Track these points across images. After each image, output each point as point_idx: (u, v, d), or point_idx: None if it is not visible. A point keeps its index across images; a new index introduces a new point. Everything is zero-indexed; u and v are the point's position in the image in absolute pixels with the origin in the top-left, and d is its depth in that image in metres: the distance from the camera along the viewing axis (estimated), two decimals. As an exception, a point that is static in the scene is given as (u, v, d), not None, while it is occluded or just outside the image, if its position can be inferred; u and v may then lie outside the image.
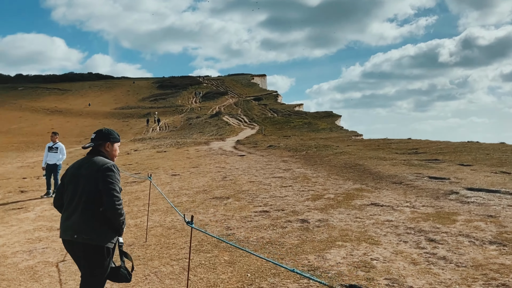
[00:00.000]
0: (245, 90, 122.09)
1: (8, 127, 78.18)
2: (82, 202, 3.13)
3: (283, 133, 37.71)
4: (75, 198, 3.17)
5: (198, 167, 15.31)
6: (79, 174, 3.22)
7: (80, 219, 3.11)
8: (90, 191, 3.13)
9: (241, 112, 72.06)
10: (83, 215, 3.11)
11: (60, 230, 3.27)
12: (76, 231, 3.09)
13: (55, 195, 3.49)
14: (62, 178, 3.43)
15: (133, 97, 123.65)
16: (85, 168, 3.24)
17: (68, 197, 3.23)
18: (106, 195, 3.10)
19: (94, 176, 3.15)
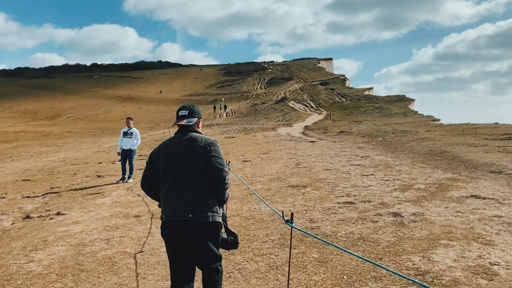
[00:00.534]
0: (311, 74, 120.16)
1: (85, 113, 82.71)
2: (192, 180, 3.01)
3: (353, 118, 36.40)
4: (181, 177, 3.02)
5: (268, 153, 14.88)
6: (181, 152, 3.07)
7: (193, 197, 2.99)
8: (198, 168, 3.03)
9: (307, 97, 70.92)
10: (195, 193, 3.00)
11: (165, 211, 3.05)
12: (191, 210, 2.95)
13: (143, 178, 3.28)
14: (151, 160, 3.21)
15: (201, 84, 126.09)
16: (186, 145, 3.09)
17: (172, 177, 3.06)
18: (216, 170, 3.03)
19: (201, 153, 3.05)
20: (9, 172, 15.51)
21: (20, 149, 33.88)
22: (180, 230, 2.97)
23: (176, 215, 2.97)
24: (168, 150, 3.14)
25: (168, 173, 3.07)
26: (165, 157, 3.12)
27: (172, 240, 3.02)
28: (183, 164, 3.04)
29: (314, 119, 41.72)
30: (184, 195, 2.99)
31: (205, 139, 3.12)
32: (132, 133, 11.12)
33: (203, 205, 2.98)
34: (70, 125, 65.42)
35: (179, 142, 3.14)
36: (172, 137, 3.26)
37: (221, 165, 3.08)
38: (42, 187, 10.91)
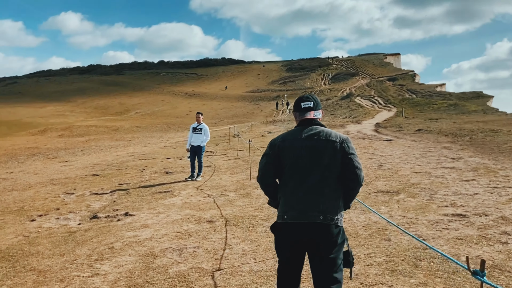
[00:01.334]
0: (377, 70, 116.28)
1: (152, 109, 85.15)
2: (325, 178, 2.73)
3: (427, 116, 34.14)
4: (313, 174, 2.73)
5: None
6: (314, 147, 2.77)
7: (325, 198, 2.72)
8: (332, 166, 2.75)
9: (374, 93, 68.29)
10: (328, 194, 2.73)
11: (289, 212, 2.73)
12: (322, 211, 2.68)
13: (263, 171, 2.92)
14: (273, 151, 2.87)
15: (263, 80, 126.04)
16: (319, 140, 2.79)
17: (301, 173, 2.75)
18: (354, 169, 2.76)
19: (336, 149, 2.76)
20: (80, 166, 15.59)
21: (91, 143, 35.02)
22: (306, 233, 2.68)
23: (305, 216, 2.67)
24: (298, 143, 2.81)
25: (296, 168, 2.76)
26: (294, 150, 2.80)
27: (294, 244, 2.74)
28: (315, 160, 2.74)
29: (384, 116, 39.73)
30: (315, 195, 2.70)
31: (339, 135, 2.83)
32: (202, 129, 10.53)
33: (334, 207, 2.72)
34: (138, 120, 67.51)
35: (309, 136, 2.81)
36: (296, 130, 2.91)
37: (359, 164, 2.79)
38: (111, 183, 10.59)
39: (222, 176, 10.65)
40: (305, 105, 2.91)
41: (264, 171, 2.90)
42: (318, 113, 2.94)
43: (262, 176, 2.93)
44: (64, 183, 11.08)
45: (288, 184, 2.78)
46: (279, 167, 2.84)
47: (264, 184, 2.93)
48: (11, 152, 29.47)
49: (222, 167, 12.45)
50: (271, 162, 2.86)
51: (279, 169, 2.84)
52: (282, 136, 2.92)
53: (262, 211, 6.44)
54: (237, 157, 14.74)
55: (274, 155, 2.86)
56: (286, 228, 2.73)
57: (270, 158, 2.88)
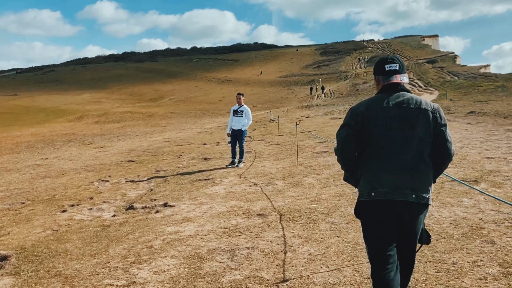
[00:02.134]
0: (415, 52, 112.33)
1: (186, 95, 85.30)
2: (418, 152, 2.47)
3: (473, 98, 32.18)
4: (405, 147, 2.46)
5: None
6: (405, 116, 2.46)
7: (419, 174, 2.47)
8: (425, 137, 2.47)
9: (413, 76, 65.73)
10: (421, 169, 2.48)
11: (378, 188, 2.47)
12: (415, 189, 2.44)
13: (344, 143, 2.60)
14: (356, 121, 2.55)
15: (297, 64, 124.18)
16: (405, 108, 2.49)
17: (388, 146, 2.48)
18: (445, 142, 2.51)
19: (429, 119, 2.48)
20: (115, 152, 15.10)
21: (126, 129, 34.92)
22: (397, 212, 2.47)
23: (397, 194, 2.44)
24: (385, 112, 2.50)
25: (385, 141, 2.49)
26: (381, 120, 2.50)
27: (381, 222, 2.51)
28: (407, 131, 2.47)
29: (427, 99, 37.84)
30: (408, 171, 2.46)
31: (430, 103, 2.61)
32: (243, 111, 9.67)
33: (426, 185, 2.51)
34: (172, 107, 67.65)
35: (398, 103, 2.51)
36: (380, 96, 2.58)
37: (450, 137, 2.58)
38: (147, 170, 9.94)
39: (265, 162, 9.80)
40: (390, 67, 2.59)
41: (346, 143, 2.59)
42: (405, 77, 2.62)
43: (343, 149, 2.63)
44: (99, 170, 10.52)
45: (374, 158, 2.53)
46: (362, 139, 2.56)
47: (345, 158, 2.64)
48: (49, 138, 29.63)
49: (263, 153, 11.60)
50: (353, 133, 2.56)
51: (362, 141, 2.56)
52: (366, 104, 2.60)
53: (320, 203, 5.55)
54: (277, 143, 13.86)
55: (357, 126, 2.56)
56: (374, 207, 2.51)
57: (352, 128, 2.57)
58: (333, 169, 7.99)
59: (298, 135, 16.01)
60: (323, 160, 9.20)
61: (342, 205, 5.32)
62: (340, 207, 5.27)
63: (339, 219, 4.77)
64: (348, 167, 2.68)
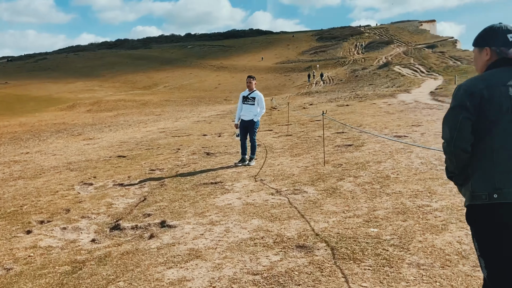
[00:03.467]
0: (413, 37, 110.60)
1: (180, 83, 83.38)
2: None
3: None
4: None
5: (421, 126, 11.15)
6: None
7: None
8: None
9: (414, 61, 64.18)
10: None
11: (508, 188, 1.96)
12: None
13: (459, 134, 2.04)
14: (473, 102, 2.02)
15: (293, 51, 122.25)
16: None
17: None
18: None
19: None
20: (105, 145, 13.46)
21: (119, 117, 33.17)
22: None
23: None
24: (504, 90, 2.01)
25: None
26: (507, 101, 2.01)
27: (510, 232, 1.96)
28: None
29: (432, 85, 36.37)
30: None
31: None
32: (255, 97, 8.01)
33: None
34: (167, 94, 65.81)
35: None
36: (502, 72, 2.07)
37: None
38: (140, 169, 8.34)
39: (281, 159, 8.21)
40: None
41: (462, 129, 2.04)
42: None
43: (458, 137, 2.06)
44: (83, 169, 8.90)
45: (498, 151, 2.01)
46: (478, 125, 2.04)
47: (459, 148, 2.06)
48: (37, 128, 27.90)
49: (275, 146, 10.00)
50: (471, 117, 2.03)
51: (477, 128, 2.05)
52: (483, 81, 2.07)
53: (381, 226, 3.97)
54: (288, 133, 12.26)
55: (475, 108, 2.03)
56: (498, 212, 1.97)
57: (469, 112, 2.03)
58: (371, 170, 6.42)
59: (308, 124, 14.45)
60: (351, 156, 7.62)
61: (417, 231, 3.75)
62: (415, 233, 3.70)
63: (426, 258, 3.20)
64: (461, 161, 2.13)
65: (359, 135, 10.22)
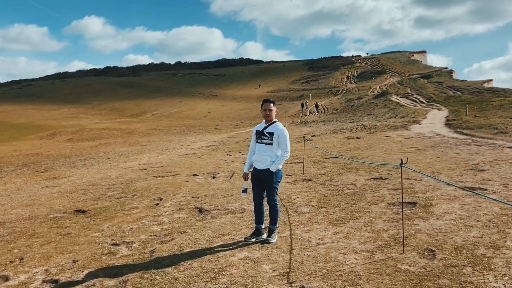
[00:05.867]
0: (405, 68, 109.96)
1: (170, 111, 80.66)
2: None
3: (501, 114, 28.45)
4: None
5: (484, 170, 8.38)
6: None
7: None
8: None
9: (411, 91, 62.34)
10: None
11: None
12: None
13: None
14: None
15: (284, 80, 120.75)
16: None
17: None
18: None
19: None
20: (68, 189, 10.47)
21: (100, 148, 30.07)
22: None
23: None
24: None
25: None
26: None
27: None
28: None
29: (438, 116, 34.06)
30: None
31: None
32: (274, 133, 5.14)
33: None
34: (155, 122, 62.90)
35: None
36: None
37: None
38: (97, 243, 5.38)
39: (317, 230, 5.28)
40: None
41: None
42: None
43: None
44: (14, 239, 5.91)
45: None
46: None
47: None
48: (4, 160, 24.70)
49: (297, 201, 7.09)
50: None
51: None
52: None
53: None
54: (306, 177, 9.38)
55: None
56: None
57: None
58: (497, 265, 3.55)
59: (325, 162, 11.47)
60: (431, 229, 4.77)
61: None
62: None
63: None
64: None
65: (410, 184, 7.40)
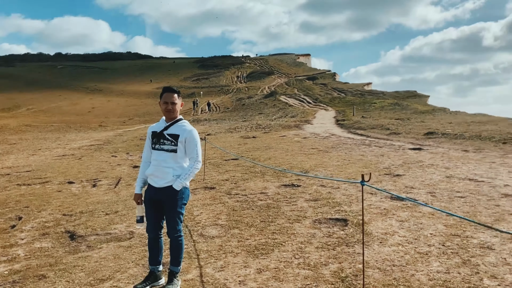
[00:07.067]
0: (292, 69, 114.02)
1: (48, 105, 73.52)
2: None
3: (386, 115, 29.88)
4: None
5: (401, 175, 7.83)
6: None
7: None
8: None
9: (299, 92, 64.28)
10: None
11: None
12: None
13: None
14: None
15: (175, 76, 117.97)
16: None
17: None
18: None
19: None
20: None
21: (-45, 148, 25.42)
22: None
23: None
24: None
25: None
26: None
27: None
28: None
29: (326, 116, 35.10)
30: None
31: None
32: (179, 136, 3.63)
33: None
34: (30, 118, 56.42)
35: None
36: None
37: None
38: None
39: (232, 261, 3.96)
40: None
41: None
42: None
43: None
44: None
45: None
46: None
47: None
48: None
49: (201, 218, 5.68)
50: None
51: None
52: None
53: None
54: (208, 185, 8.01)
55: None
56: None
57: None
58: None
59: (226, 165, 10.15)
60: (380, 259, 3.76)
61: None
62: None
63: None
64: None
65: (328, 193, 6.45)
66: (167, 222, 3.54)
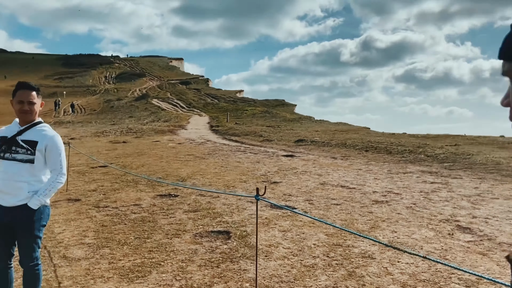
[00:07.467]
0: (165, 73, 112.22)
1: None
2: None
3: (257, 122, 30.67)
4: None
5: (278, 182, 7.87)
6: None
7: None
8: None
9: (172, 96, 63.27)
10: None
11: None
12: None
13: None
14: None
15: (34, 74, 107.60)
16: None
17: None
18: None
19: None
20: None
21: None
22: None
23: None
24: None
25: None
26: None
27: None
28: None
29: (200, 121, 34.97)
30: None
31: None
32: (37, 142, 2.92)
33: None
34: None
35: None
36: None
37: None
38: None
39: None
40: None
41: None
42: None
43: None
44: None
45: None
46: None
47: None
48: None
49: (65, 237, 4.91)
50: None
51: None
52: None
53: None
54: (72, 197, 7.11)
55: None
56: None
57: None
58: None
59: (92, 173, 9.14)
60: (274, 275, 3.56)
61: None
62: None
63: None
64: None
65: (208, 203, 6.14)
66: (20, 249, 2.87)
